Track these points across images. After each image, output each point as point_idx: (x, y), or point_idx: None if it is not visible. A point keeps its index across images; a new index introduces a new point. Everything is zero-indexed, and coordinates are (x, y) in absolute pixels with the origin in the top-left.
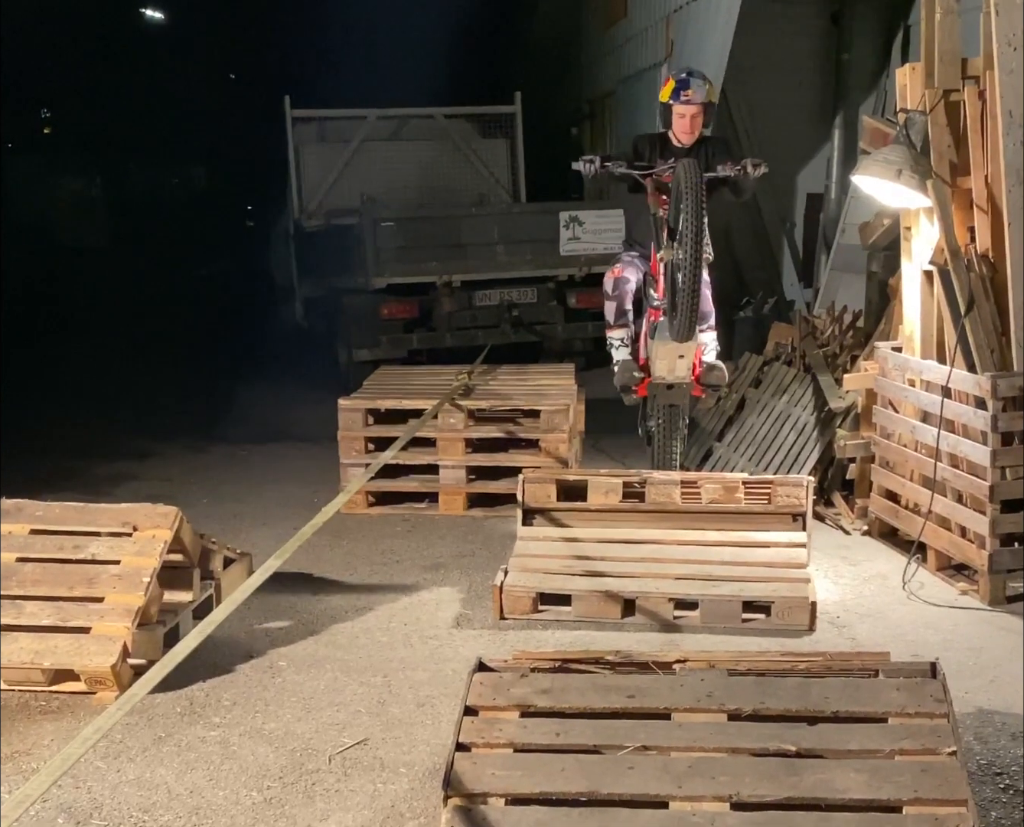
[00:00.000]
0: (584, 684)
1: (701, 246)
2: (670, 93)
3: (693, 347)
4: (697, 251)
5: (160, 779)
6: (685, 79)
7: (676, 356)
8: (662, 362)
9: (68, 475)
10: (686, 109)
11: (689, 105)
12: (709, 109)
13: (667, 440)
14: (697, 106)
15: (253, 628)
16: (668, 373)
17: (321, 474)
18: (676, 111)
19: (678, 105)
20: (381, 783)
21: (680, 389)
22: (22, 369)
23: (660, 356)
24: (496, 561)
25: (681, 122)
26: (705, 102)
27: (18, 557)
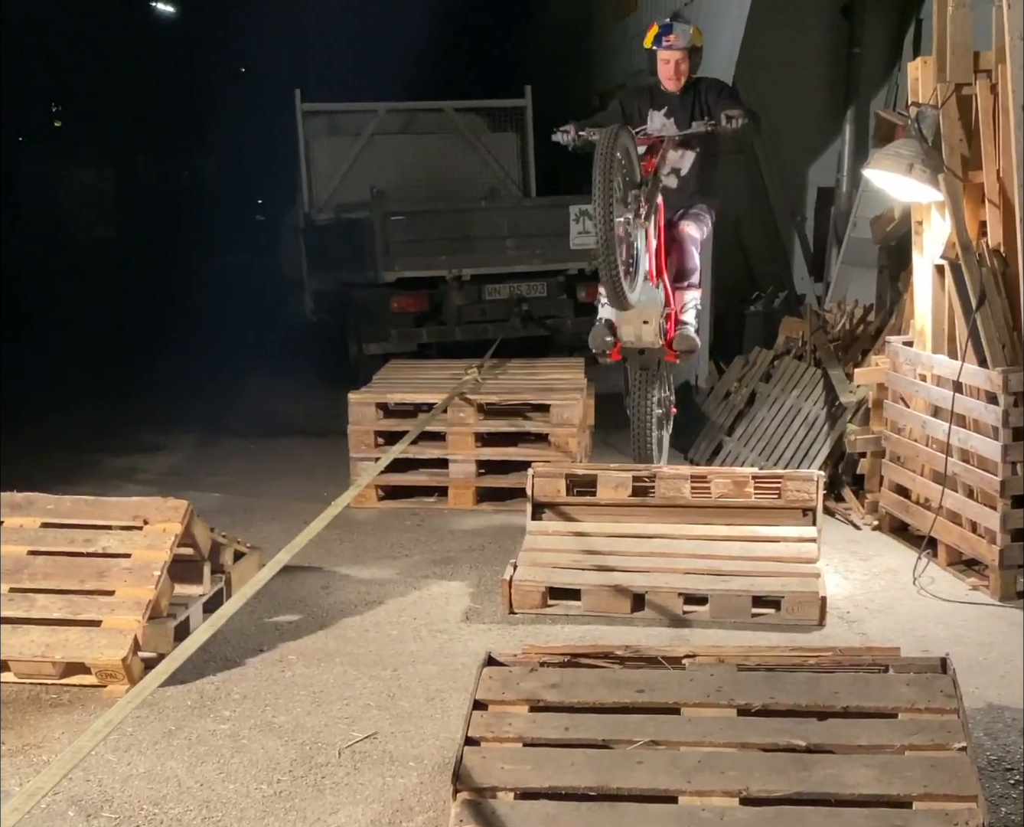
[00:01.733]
0: (593, 679)
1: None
2: (652, 38)
3: (655, 313)
4: (605, 220)
5: (170, 772)
6: (668, 24)
7: (640, 321)
8: (627, 327)
9: (79, 468)
10: (669, 55)
11: (672, 50)
12: (695, 54)
13: (642, 416)
14: (681, 51)
15: (263, 622)
16: (635, 338)
17: (331, 468)
18: (660, 57)
19: (661, 51)
20: (390, 777)
21: (651, 353)
22: (32, 362)
23: (624, 320)
24: (505, 555)
25: (666, 68)
26: (689, 47)
27: (29, 550)
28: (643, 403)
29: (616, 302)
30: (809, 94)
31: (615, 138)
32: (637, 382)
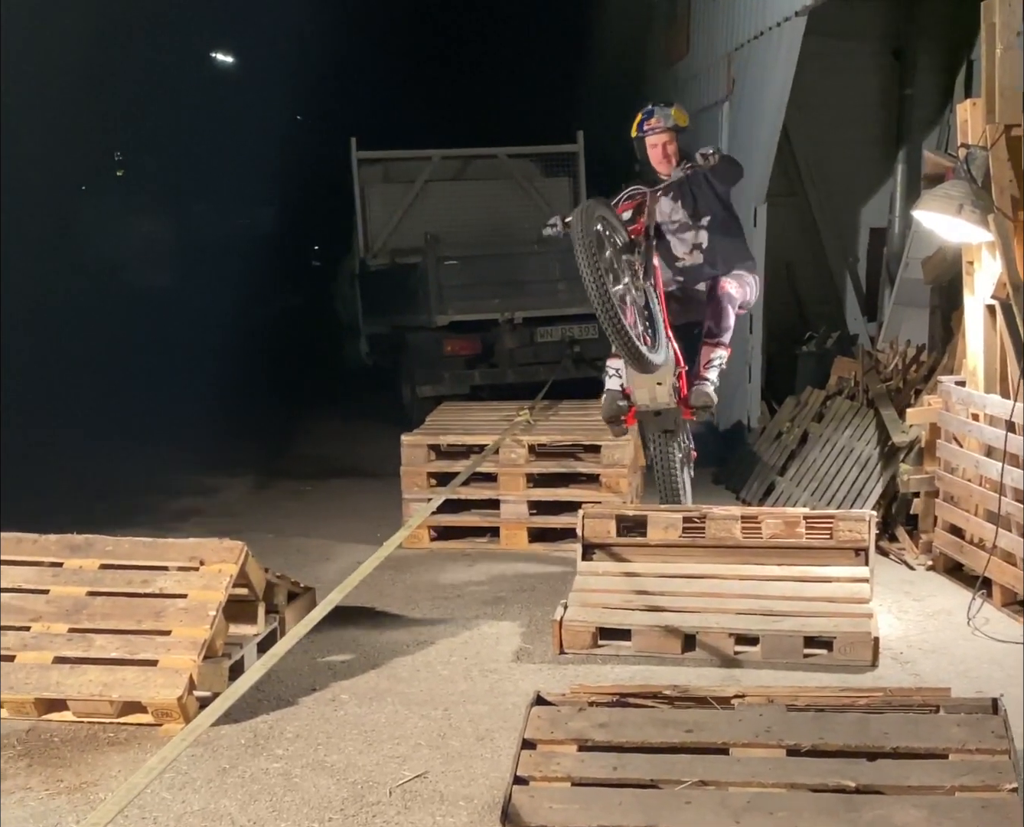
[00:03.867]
0: (642, 718)
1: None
2: (636, 126)
3: (668, 374)
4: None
5: (224, 810)
6: (649, 109)
7: (653, 383)
8: (640, 391)
9: (136, 511)
10: (655, 138)
11: (656, 133)
12: (680, 134)
13: (666, 468)
14: (665, 133)
15: (316, 661)
16: (650, 400)
17: (383, 509)
18: (648, 142)
19: (647, 136)
20: (440, 816)
21: (668, 414)
22: (93, 406)
23: (636, 384)
24: (556, 596)
25: (654, 152)
26: (672, 127)
27: (88, 591)
28: (665, 460)
29: (641, 367)
30: (861, 136)
31: (588, 213)
32: (656, 441)
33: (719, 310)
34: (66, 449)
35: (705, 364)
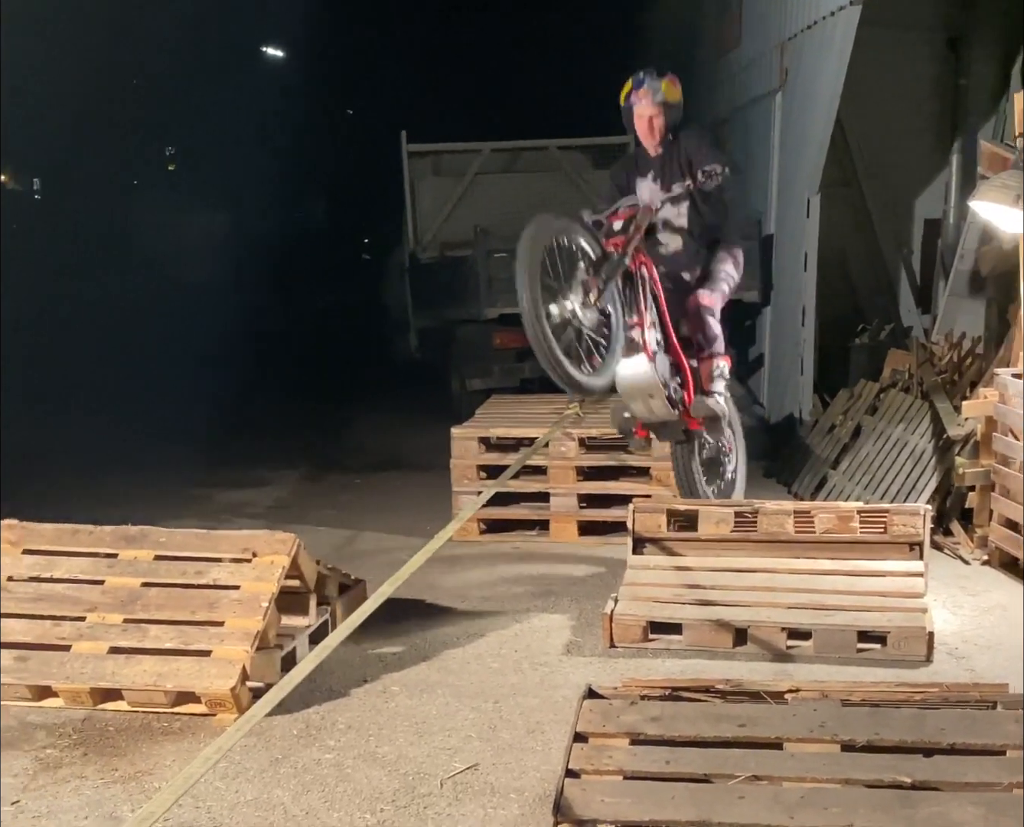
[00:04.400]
0: (694, 712)
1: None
2: (625, 95)
3: (655, 385)
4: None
5: (277, 800)
6: (640, 78)
7: (645, 396)
8: (635, 405)
9: (190, 502)
10: (642, 110)
11: (642, 104)
12: (670, 109)
13: (685, 474)
14: (654, 107)
15: (367, 653)
16: (648, 413)
17: (433, 502)
18: (636, 113)
19: (634, 107)
20: (492, 808)
21: (673, 425)
22: (143, 402)
23: (628, 399)
24: (606, 589)
25: (641, 124)
26: (661, 102)
27: (143, 582)
28: (683, 466)
29: (575, 390)
30: (915, 126)
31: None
32: (674, 449)
33: (700, 325)
34: (118, 441)
35: (707, 379)
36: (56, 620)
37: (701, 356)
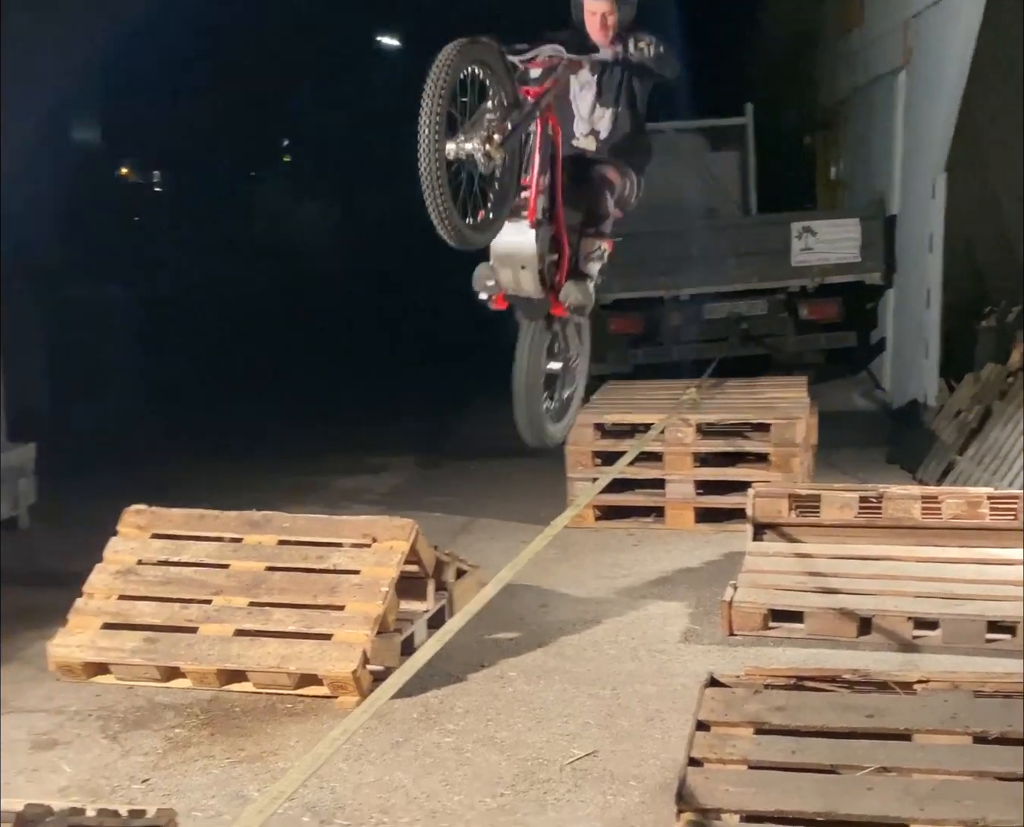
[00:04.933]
0: (820, 702)
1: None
2: None
3: (532, 258)
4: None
5: (398, 782)
6: None
7: (517, 266)
8: (504, 271)
9: (310, 488)
10: (595, 5)
11: (597, 1)
12: (624, 6)
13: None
14: (607, 2)
15: (483, 639)
16: (513, 285)
17: (547, 489)
18: (587, 8)
19: (587, 1)
20: (611, 795)
21: (538, 305)
22: (265, 388)
23: (500, 263)
24: (724, 576)
25: (592, 20)
26: None
27: (267, 566)
28: (528, 358)
29: (453, 239)
30: None
31: (461, 50)
32: (524, 333)
33: (597, 197)
34: (239, 427)
35: (585, 258)
36: (184, 603)
37: (586, 231)
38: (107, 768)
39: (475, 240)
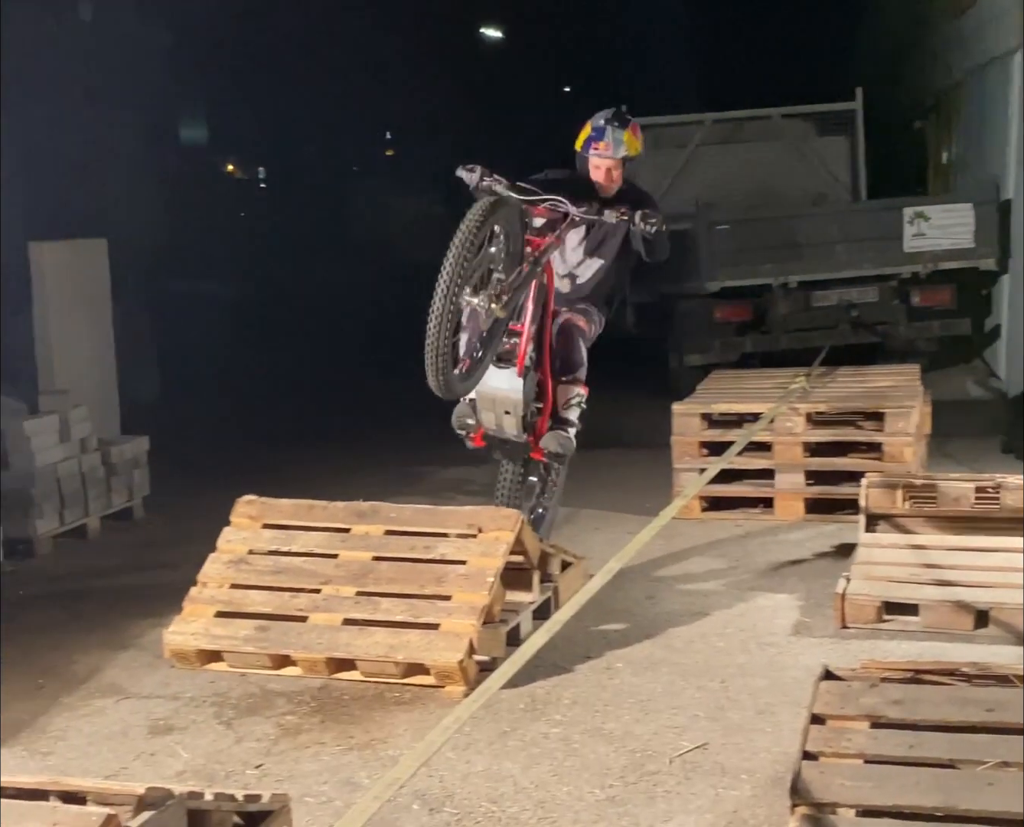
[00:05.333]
0: (938, 696)
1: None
2: (583, 142)
3: (517, 404)
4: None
5: (506, 772)
6: (601, 128)
7: (501, 411)
8: (486, 414)
9: (414, 478)
10: (600, 162)
11: (600, 158)
12: (630, 163)
13: (508, 497)
14: (611, 160)
15: (589, 630)
16: (497, 428)
17: (651, 479)
18: (591, 162)
19: (591, 156)
20: (722, 788)
21: (516, 447)
22: (366, 381)
23: (483, 407)
24: (835, 568)
25: (596, 172)
26: (621, 157)
27: (374, 556)
28: (505, 496)
29: (434, 385)
30: None
31: (492, 211)
32: (502, 472)
33: (569, 345)
34: (343, 419)
35: (564, 405)
36: (294, 592)
37: (562, 379)
38: (222, 754)
39: (461, 391)
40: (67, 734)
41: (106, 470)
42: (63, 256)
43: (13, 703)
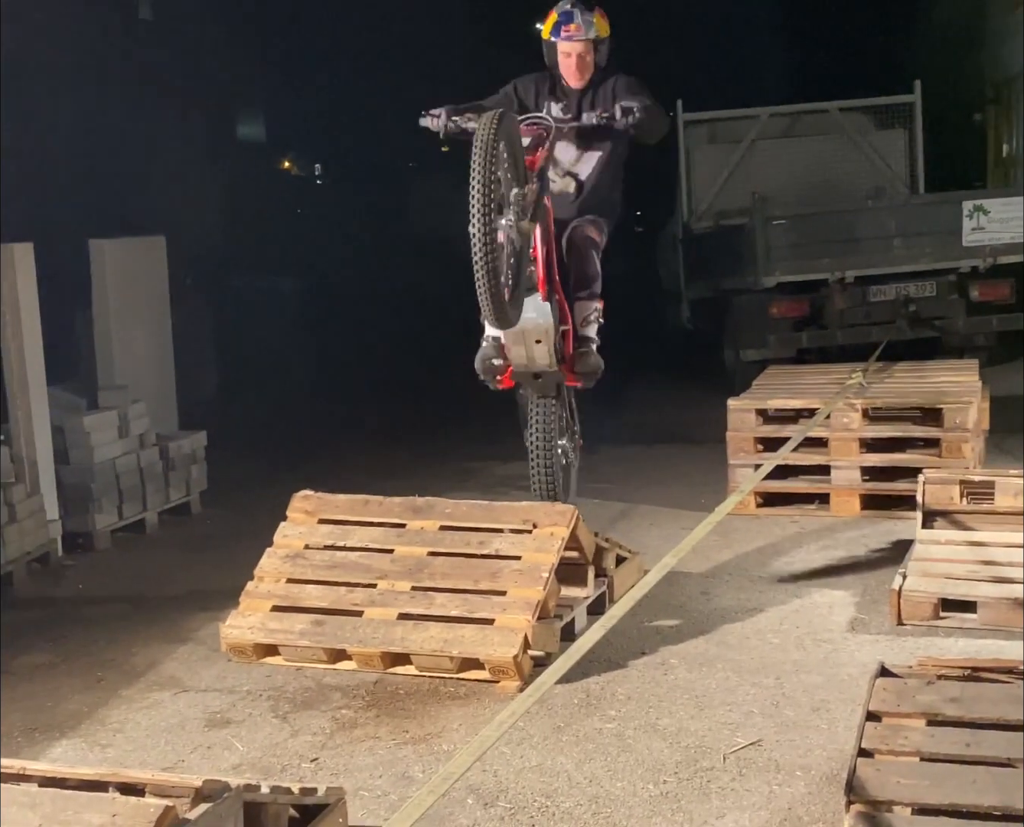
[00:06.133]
0: (996, 694)
1: (486, 216)
2: (551, 27)
3: (546, 331)
4: (484, 223)
5: (560, 767)
6: (568, 11)
7: (532, 341)
8: (517, 349)
9: (468, 474)
10: (570, 47)
11: (572, 42)
12: (601, 45)
13: (544, 444)
14: (583, 43)
15: (644, 625)
16: (527, 361)
17: (706, 475)
18: (560, 49)
19: (561, 42)
20: (777, 785)
21: (549, 378)
22: (423, 377)
23: (512, 341)
24: (891, 565)
25: (567, 62)
26: (593, 38)
27: (429, 551)
28: (543, 436)
29: (497, 320)
30: None
31: (498, 124)
32: (536, 412)
33: (583, 259)
34: (397, 415)
35: (582, 322)
36: (350, 586)
37: (579, 296)
38: (277, 747)
39: (514, 319)
40: (125, 726)
41: (164, 465)
42: (122, 253)
43: (73, 696)
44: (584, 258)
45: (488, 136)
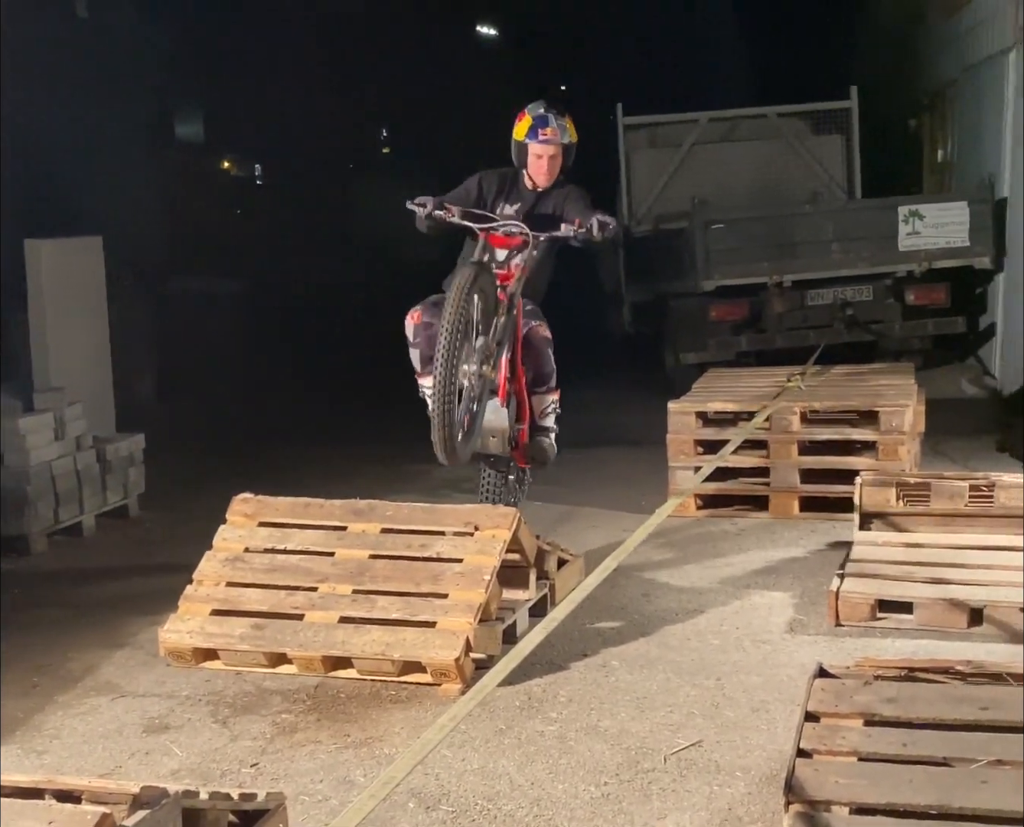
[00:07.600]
0: (933, 694)
1: (449, 366)
2: (526, 131)
3: (502, 429)
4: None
5: (502, 769)
6: (544, 116)
7: (488, 437)
8: None
9: (410, 477)
10: (543, 149)
11: (547, 145)
12: (569, 150)
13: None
14: (556, 146)
15: (585, 627)
16: (482, 448)
17: (647, 477)
18: (532, 151)
19: (535, 145)
20: (717, 786)
21: (500, 460)
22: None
23: None
24: (830, 566)
25: (538, 163)
26: (567, 143)
27: (371, 554)
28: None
29: (447, 458)
30: None
31: (473, 281)
32: (486, 477)
33: (540, 357)
34: (338, 417)
35: (540, 414)
36: (290, 590)
37: (537, 391)
38: (217, 752)
39: (466, 456)
40: (62, 732)
41: (101, 468)
42: (58, 253)
43: (8, 702)
44: (541, 357)
45: (459, 296)
